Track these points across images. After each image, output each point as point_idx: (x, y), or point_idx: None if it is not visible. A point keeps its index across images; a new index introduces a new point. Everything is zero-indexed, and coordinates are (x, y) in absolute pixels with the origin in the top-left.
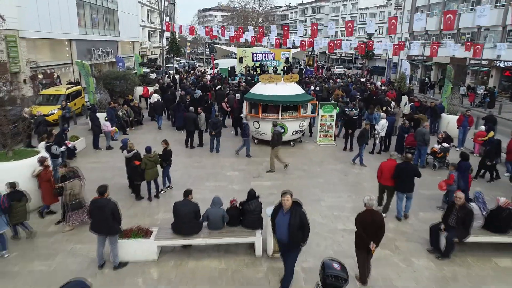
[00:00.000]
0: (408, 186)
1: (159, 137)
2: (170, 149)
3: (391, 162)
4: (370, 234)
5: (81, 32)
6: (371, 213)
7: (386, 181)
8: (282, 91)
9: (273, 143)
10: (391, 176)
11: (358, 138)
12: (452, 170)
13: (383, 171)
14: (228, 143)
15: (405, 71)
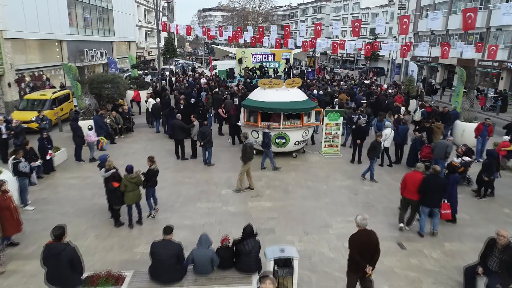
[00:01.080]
0: (436, 201)
1: (150, 146)
2: (156, 168)
3: (416, 174)
4: (365, 257)
5: (73, 32)
6: (366, 234)
7: (410, 194)
8: (283, 97)
9: (245, 158)
10: (416, 189)
11: (369, 152)
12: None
13: (407, 183)
14: (224, 153)
15: (412, 73)
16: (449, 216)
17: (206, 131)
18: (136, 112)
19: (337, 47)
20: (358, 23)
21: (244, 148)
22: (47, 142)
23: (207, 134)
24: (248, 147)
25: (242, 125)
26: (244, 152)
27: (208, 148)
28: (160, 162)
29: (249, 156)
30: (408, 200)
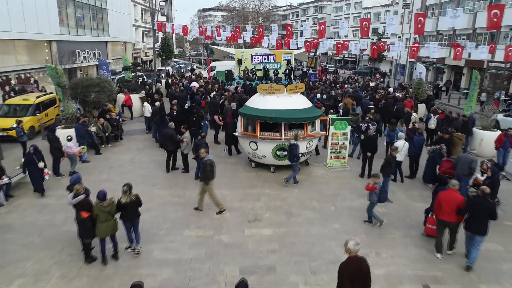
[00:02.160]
0: (482, 228)
1: (138, 157)
2: (129, 199)
3: (452, 193)
4: (356, 286)
5: (63, 32)
6: (357, 261)
7: (446, 216)
8: (285, 104)
9: (204, 177)
10: (453, 210)
11: (383, 168)
12: (376, 181)
13: (441, 203)
14: (219, 166)
15: (420, 75)
16: (435, 231)
17: (201, 143)
18: (127, 118)
19: (341, 47)
20: (367, 22)
21: (204, 166)
22: (36, 157)
23: (202, 147)
24: (208, 164)
25: (239, 135)
26: (203, 170)
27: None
28: (147, 176)
29: (210, 175)
30: (444, 223)
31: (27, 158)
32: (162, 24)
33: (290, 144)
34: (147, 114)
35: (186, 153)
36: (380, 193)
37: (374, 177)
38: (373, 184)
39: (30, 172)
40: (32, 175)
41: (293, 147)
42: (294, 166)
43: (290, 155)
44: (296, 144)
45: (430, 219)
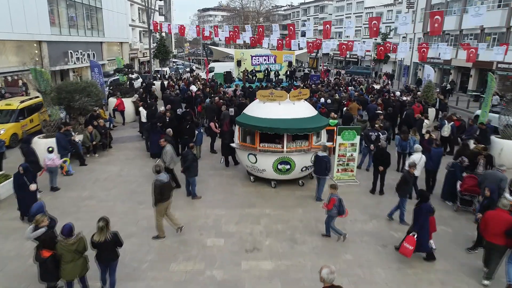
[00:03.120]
0: None
1: (127, 169)
2: (114, 236)
3: (501, 213)
4: None
5: (55, 32)
6: None
7: (493, 237)
8: (287, 113)
9: (157, 198)
10: (502, 232)
11: (399, 187)
12: (334, 192)
13: (487, 224)
14: (215, 179)
15: (428, 77)
16: (410, 253)
17: (187, 155)
18: (119, 123)
19: (346, 48)
20: (377, 21)
21: (154, 188)
22: (27, 178)
23: (188, 158)
24: (157, 186)
25: (237, 146)
26: (154, 192)
27: (189, 178)
28: (135, 192)
29: (157, 197)
30: (490, 245)
31: (16, 180)
32: (158, 24)
33: (316, 156)
34: (143, 119)
35: (171, 167)
36: (340, 205)
37: (331, 188)
38: (331, 197)
39: (20, 196)
40: (21, 200)
41: (324, 159)
42: (321, 180)
43: (318, 169)
44: (326, 156)
45: (409, 238)
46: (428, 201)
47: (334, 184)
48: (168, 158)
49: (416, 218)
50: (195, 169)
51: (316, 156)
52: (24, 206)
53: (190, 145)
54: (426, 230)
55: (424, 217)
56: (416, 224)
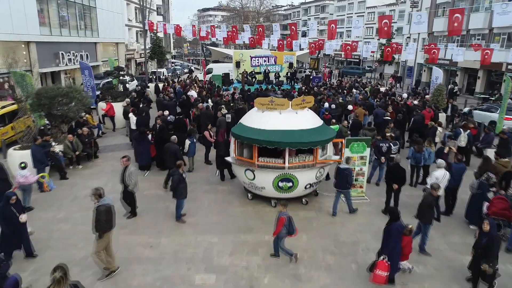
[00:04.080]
0: None
1: (112, 183)
2: None
3: None
4: None
5: (44, 33)
6: None
7: None
8: (289, 124)
9: (99, 228)
10: None
11: (421, 214)
12: (283, 210)
13: None
14: (209, 196)
15: (436, 80)
16: (383, 279)
17: (173, 174)
18: (109, 129)
19: (351, 49)
20: (388, 21)
21: (98, 214)
22: (16, 208)
23: (173, 180)
24: (103, 212)
25: (232, 161)
26: (97, 220)
27: (177, 198)
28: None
29: (104, 226)
30: None
31: (3, 211)
32: (153, 23)
33: (339, 168)
34: (132, 126)
35: (135, 191)
36: (289, 224)
37: (280, 205)
38: (280, 216)
39: (8, 230)
40: (8, 236)
41: (345, 172)
42: (346, 194)
43: (339, 182)
44: (348, 168)
45: (381, 263)
46: (399, 220)
47: (285, 202)
48: (133, 181)
49: (386, 239)
50: (183, 191)
51: (338, 168)
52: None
53: (178, 164)
54: (397, 253)
55: (395, 238)
56: (386, 247)
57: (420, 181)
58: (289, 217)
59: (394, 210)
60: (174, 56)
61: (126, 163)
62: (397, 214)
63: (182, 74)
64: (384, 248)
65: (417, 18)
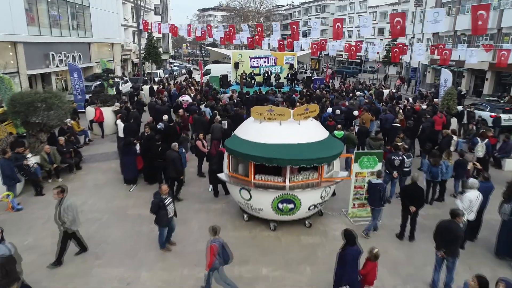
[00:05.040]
0: None
1: (93, 200)
2: None
3: None
4: None
5: (33, 33)
6: None
7: None
8: (291, 136)
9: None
10: None
11: (450, 245)
12: (215, 238)
13: None
14: (200, 216)
15: (445, 82)
16: None
17: (154, 196)
18: (98, 135)
19: (355, 50)
20: (401, 19)
21: None
22: None
23: (152, 204)
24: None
25: (226, 178)
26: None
27: (159, 225)
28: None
29: (3, 282)
30: None
31: None
32: (148, 23)
33: (370, 183)
34: (120, 134)
35: (73, 229)
36: (223, 251)
37: (211, 231)
38: (211, 245)
39: None
40: None
41: (378, 187)
42: (376, 212)
43: (372, 199)
44: (381, 183)
45: None
46: (355, 244)
47: (214, 227)
48: (70, 217)
49: (340, 266)
50: (162, 218)
51: (370, 183)
52: None
53: (162, 188)
54: (355, 281)
55: (352, 265)
56: (345, 275)
57: (437, 197)
58: (222, 244)
59: (350, 233)
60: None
61: (59, 196)
62: (353, 238)
63: (180, 76)
64: (343, 277)
65: (434, 16)
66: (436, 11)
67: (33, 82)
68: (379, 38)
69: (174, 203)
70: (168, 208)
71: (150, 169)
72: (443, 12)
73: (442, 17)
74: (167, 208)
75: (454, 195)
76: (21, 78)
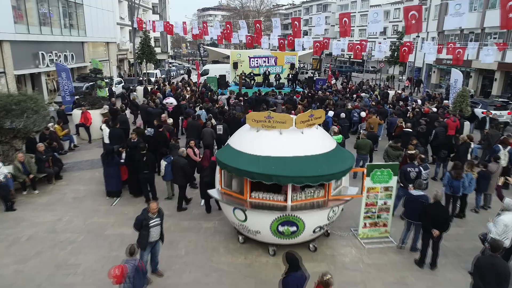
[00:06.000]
0: None
1: (69, 216)
2: None
3: None
4: None
5: (21, 31)
6: None
7: None
8: (292, 148)
9: None
10: None
11: (484, 282)
12: (131, 258)
13: None
14: (189, 235)
15: (455, 83)
16: None
17: (141, 217)
18: (85, 140)
19: (360, 49)
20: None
21: None
22: None
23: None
24: None
25: (217, 196)
26: None
27: (141, 251)
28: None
29: None
30: None
31: None
32: (142, 21)
33: (412, 196)
34: (106, 140)
35: None
36: (136, 275)
37: (127, 252)
38: (122, 265)
39: None
40: None
41: (420, 200)
42: (418, 226)
43: (411, 212)
44: (424, 195)
45: None
46: (300, 269)
47: (131, 247)
48: None
49: None
50: (142, 239)
51: (410, 196)
52: None
53: (150, 206)
54: None
55: None
56: None
57: (457, 213)
58: (135, 268)
59: (292, 256)
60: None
61: None
62: (297, 261)
63: (177, 76)
64: None
65: (455, 8)
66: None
67: (22, 82)
68: (382, 38)
69: (162, 226)
70: (151, 230)
71: (135, 180)
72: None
73: (465, 10)
74: (150, 229)
75: (476, 210)
76: (7, 79)
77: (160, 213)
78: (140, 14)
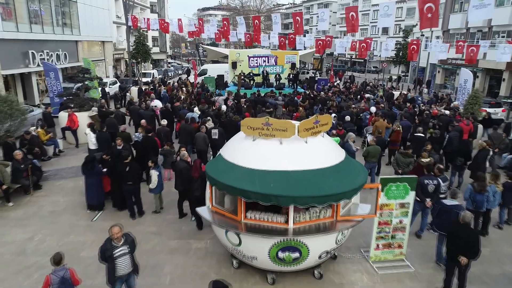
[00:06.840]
0: None
1: (43, 234)
2: None
3: None
4: None
5: (9, 29)
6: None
7: None
8: (294, 160)
9: None
10: None
11: None
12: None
13: None
14: (176, 262)
15: (465, 83)
16: None
17: (103, 248)
18: (72, 145)
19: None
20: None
21: None
22: None
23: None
24: None
25: (207, 215)
26: None
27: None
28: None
29: None
30: None
31: None
32: (137, 19)
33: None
34: (91, 146)
35: None
36: None
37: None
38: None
39: None
40: None
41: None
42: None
43: (444, 223)
44: (458, 205)
45: None
46: None
47: (55, 255)
48: None
49: None
50: (110, 274)
51: (444, 206)
52: None
53: (111, 231)
54: None
55: None
56: None
57: (479, 230)
58: (62, 279)
59: (221, 285)
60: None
61: None
62: None
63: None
64: None
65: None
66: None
67: (11, 83)
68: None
69: (132, 255)
70: (117, 262)
71: (119, 192)
72: None
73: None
74: (116, 261)
75: (499, 226)
76: None
77: (127, 240)
78: (137, 13)
